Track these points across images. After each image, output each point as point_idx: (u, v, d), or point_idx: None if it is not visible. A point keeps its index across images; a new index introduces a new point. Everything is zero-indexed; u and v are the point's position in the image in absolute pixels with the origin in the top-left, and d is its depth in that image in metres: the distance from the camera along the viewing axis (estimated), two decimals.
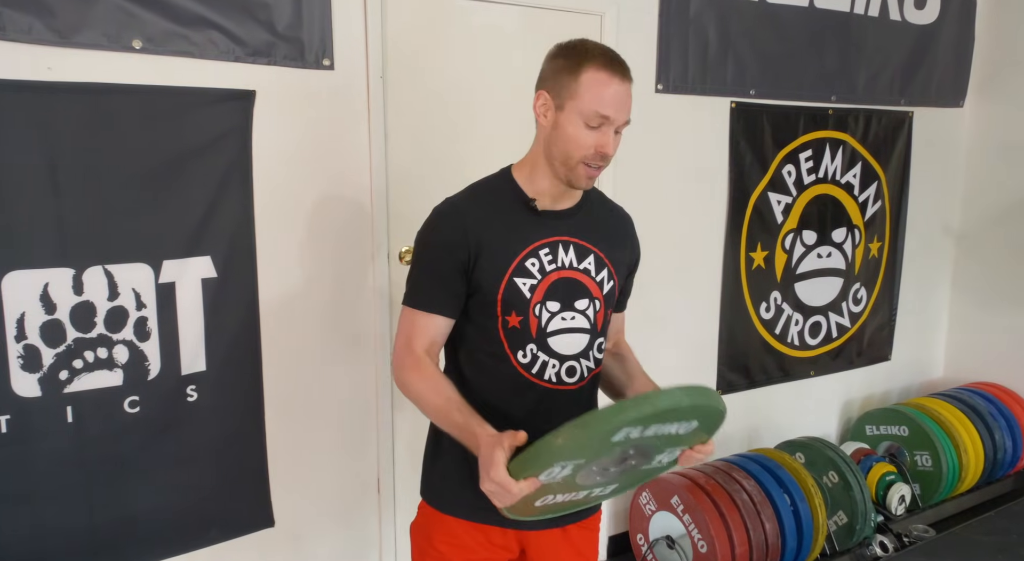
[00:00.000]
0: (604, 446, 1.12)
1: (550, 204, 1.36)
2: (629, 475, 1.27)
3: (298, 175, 2.02)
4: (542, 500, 1.22)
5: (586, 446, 1.11)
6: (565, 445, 1.07)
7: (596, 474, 1.20)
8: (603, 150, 1.26)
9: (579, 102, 1.25)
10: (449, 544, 1.40)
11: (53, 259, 1.70)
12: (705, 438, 1.24)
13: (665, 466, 1.29)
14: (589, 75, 1.24)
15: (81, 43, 1.67)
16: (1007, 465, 3.21)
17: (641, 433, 1.12)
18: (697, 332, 2.91)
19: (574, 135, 1.26)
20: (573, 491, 1.23)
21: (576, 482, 1.20)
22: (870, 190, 3.29)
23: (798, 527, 2.50)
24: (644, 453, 1.20)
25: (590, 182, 1.32)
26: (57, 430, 1.75)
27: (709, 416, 1.21)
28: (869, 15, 3.08)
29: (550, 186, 1.35)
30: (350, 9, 2.01)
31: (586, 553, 1.52)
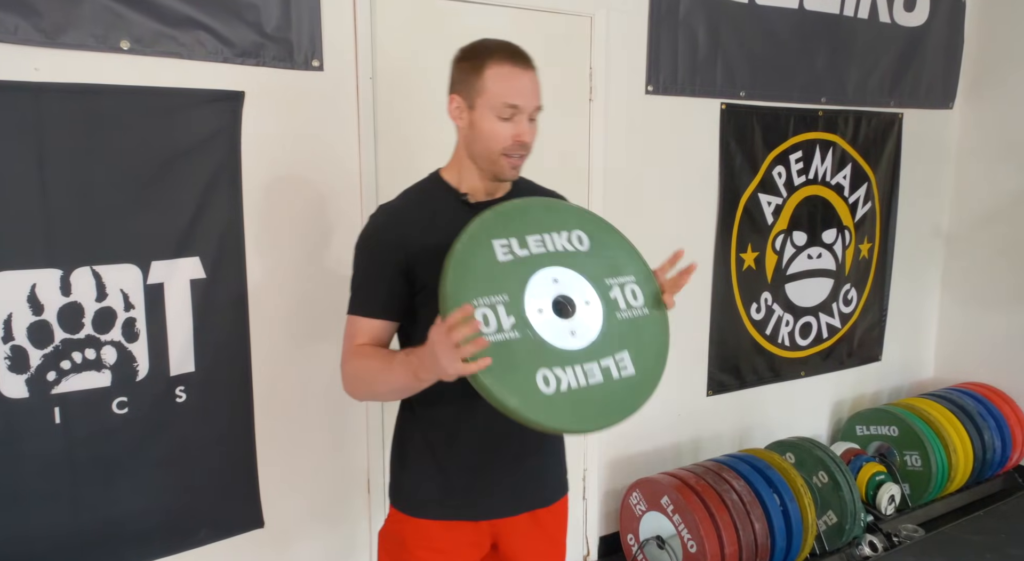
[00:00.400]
0: (497, 270, 1.19)
1: (482, 197, 1.40)
2: (617, 329, 1.26)
3: (287, 176, 2.02)
4: (543, 379, 1.17)
5: (476, 269, 1.17)
6: (454, 271, 1.15)
7: (553, 321, 1.22)
8: (520, 139, 1.31)
9: (488, 97, 1.30)
10: (424, 547, 1.42)
11: (40, 260, 1.70)
12: (630, 257, 1.33)
13: (643, 308, 1.31)
14: (492, 70, 1.29)
15: (68, 44, 1.67)
16: (996, 465, 3.22)
17: (526, 248, 1.22)
18: (688, 333, 2.92)
19: (490, 130, 1.31)
20: (567, 362, 1.20)
21: (546, 340, 1.20)
22: (860, 191, 3.30)
23: (787, 527, 2.51)
24: (578, 287, 1.25)
25: (515, 172, 1.36)
26: (45, 431, 1.75)
27: (586, 220, 1.30)
28: (859, 17, 3.09)
29: (479, 182, 1.39)
30: (339, 10, 2.01)
31: (556, 542, 1.55)
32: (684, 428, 2.98)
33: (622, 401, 1.25)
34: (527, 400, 1.15)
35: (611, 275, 1.30)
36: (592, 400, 1.21)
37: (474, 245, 1.18)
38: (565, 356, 1.21)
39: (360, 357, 1.33)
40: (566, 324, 1.23)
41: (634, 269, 1.33)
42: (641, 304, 1.31)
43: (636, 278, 1.33)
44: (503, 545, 1.48)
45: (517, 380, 1.16)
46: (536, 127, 1.36)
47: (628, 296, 1.30)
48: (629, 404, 1.26)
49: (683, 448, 2.99)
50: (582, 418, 1.21)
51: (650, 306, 1.32)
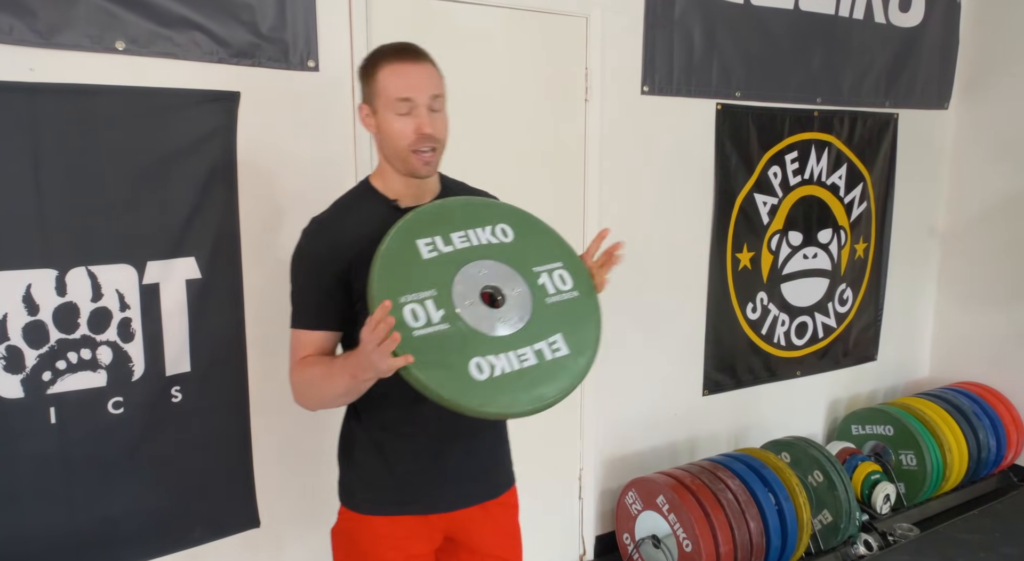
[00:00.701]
0: (423, 267, 1.23)
1: (412, 201, 1.41)
2: (547, 314, 1.30)
3: (283, 176, 2.02)
4: (476, 367, 1.21)
5: (401, 269, 1.22)
6: (380, 272, 1.19)
7: (482, 311, 1.26)
8: (421, 131, 1.32)
9: (383, 99, 1.33)
10: (375, 543, 1.44)
11: (36, 260, 1.70)
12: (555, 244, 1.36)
13: (572, 291, 1.34)
14: (383, 71, 1.33)
15: (63, 44, 1.67)
16: (991, 464, 3.23)
17: (450, 244, 1.26)
18: (683, 333, 2.93)
19: (391, 129, 1.33)
20: (499, 349, 1.24)
21: (477, 329, 1.24)
22: (856, 191, 3.31)
23: (782, 526, 2.51)
24: (506, 277, 1.29)
25: (428, 167, 1.36)
26: (40, 431, 1.75)
27: (509, 214, 1.33)
28: (854, 17, 3.10)
29: (404, 186, 1.41)
30: (335, 11, 2.02)
31: (509, 532, 1.57)
32: (680, 428, 2.99)
33: (557, 379, 1.27)
34: (461, 388, 1.19)
35: (538, 263, 1.33)
36: (527, 382, 1.25)
37: (398, 245, 1.22)
38: (497, 343, 1.24)
39: (305, 367, 1.35)
40: (496, 313, 1.27)
41: (561, 256, 1.36)
42: (570, 288, 1.34)
43: (564, 264, 1.36)
44: (456, 537, 1.51)
45: (449, 370, 1.20)
46: (443, 117, 1.36)
47: (556, 281, 1.33)
48: (565, 383, 1.28)
49: (679, 448, 3.00)
50: (518, 401, 1.24)
51: (580, 289, 1.35)
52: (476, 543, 1.51)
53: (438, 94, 1.34)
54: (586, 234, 2.59)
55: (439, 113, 1.35)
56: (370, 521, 1.45)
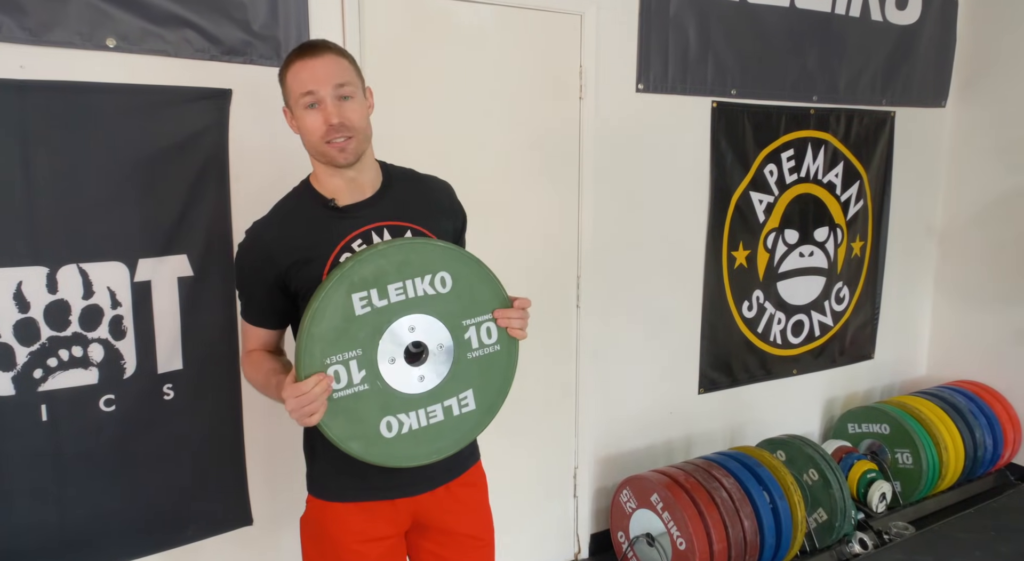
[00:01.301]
0: (355, 324, 1.24)
1: (349, 198, 1.42)
2: (464, 369, 1.34)
3: (275, 174, 2.00)
4: (386, 425, 1.28)
5: (332, 328, 1.22)
6: (311, 331, 1.21)
7: (404, 370, 1.28)
8: (328, 121, 1.33)
9: (292, 97, 1.36)
10: (341, 530, 1.46)
11: (26, 257, 1.70)
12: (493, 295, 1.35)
13: (495, 345, 1.36)
14: (289, 72, 1.36)
15: (54, 41, 1.67)
16: (987, 463, 3.23)
17: (386, 297, 1.25)
18: (679, 331, 2.92)
19: (303, 124, 1.36)
20: (411, 407, 1.30)
21: (394, 388, 1.28)
22: (852, 189, 3.31)
23: (777, 524, 2.51)
24: (434, 332, 1.30)
25: (344, 154, 1.36)
26: (32, 428, 1.75)
27: (452, 261, 1.32)
28: (850, 15, 3.10)
29: (339, 180, 1.41)
30: (327, 8, 2.01)
31: (476, 510, 1.58)
32: (675, 426, 2.98)
33: (457, 433, 1.36)
34: (368, 446, 1.28)
35: (469, 315, 1.34)
36: (430, 436, 1.33)
37: (332, 300, 1.22)
38: (410, 401, 1.30)
39: (248, 365, 1.47)
40: (416, 371, 1.30)
41: (495, 306, 1.36)
42: (494, 341, 1.36)
43: (491, 316, 1.37)
44: (423, 521, 1.52)
45: (360, 429, 1.27)
46: (355, 106, 1.36)
47: (483, 335, 1.35)
48: (463, 436, 1.37)
49: (674, 446, 3.00)
50: (416, 454, 1.33)
51: (502, 342, 1.37)
52: (445, 524, 1.52)
53: (344, 82, 1.34)
54: (580, 233, 2.59)
55: (350, 101, 1.35)
56: (335, 507, 1.46)
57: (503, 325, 1.36)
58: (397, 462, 1.32)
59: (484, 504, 1.61)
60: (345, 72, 1.36)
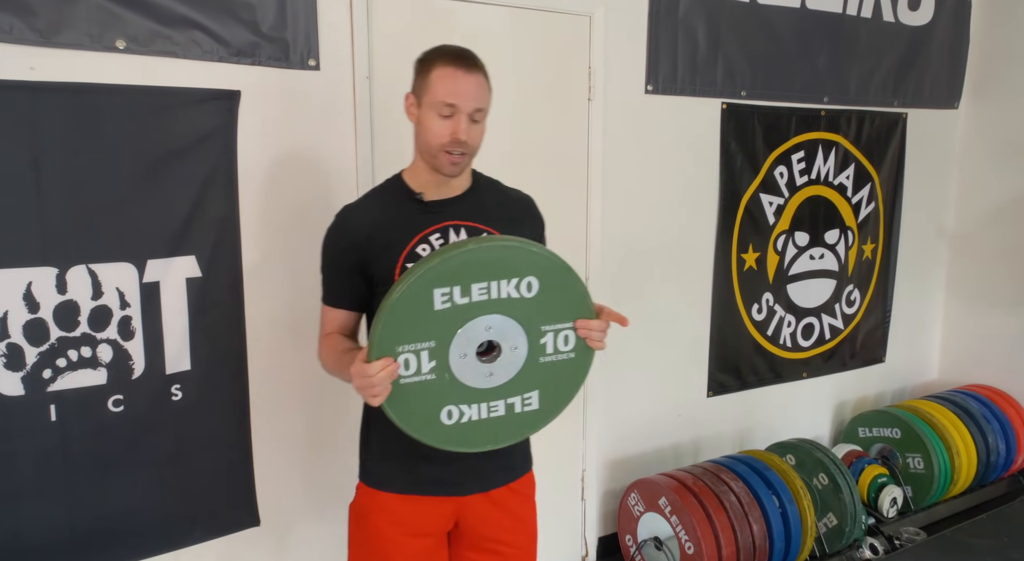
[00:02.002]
0: (430, 317, 1.24)
1: (436, 194, 1.47)
2: (534, 372, 1.33)
3: (284, 175, 2.02)
4: (447, 414, 1.30)
5: (409, 317, 1.23)
6: (388, 319, 1.21)
7: (474, 365, 1.29)
8: (456, 136, 1.38)
9: (430, 96, 1.39)
10: (387, 521, 1.48)
11: (36, 258, 1.71)
12: (578, 304, 1.33)
13: (570, 352, 1.36)
14: (437, 72, 1.38)
15: (64, 43, 1.68)
16: (1000, 468, 3.19)
17: (468, 295, 1.24)
18: (688, 333, 2.91)
19: (430, 126, 1.40)
20: (475, 400, 1.31)
21: (460, 380, 1.28)
22: (863, 191, 3.28)
23: (786, 529, 2.49)
24: (511, 334, 1.29)
25: (454, 168, 1.42)
26: (41, 429, 1.76)
27: (542, 267, 1.30)
28: (862, 16, 3.07)
29: (430, 178, 1.46)
30: (336, 9, 2.02)
31: (522, 519, 1.57)
32: (684, 429, 2.97)
33: (514, 430, 1.37)
34: (426, 430, 1.30)
35: (549, 322, 1.32)
36: (487, 428, 1.34)
37: (413, 293, 1.22)
38: (475, 394, 1.31)
39: (324, 347, 1.50)
40: (486, 367, 1.30)
41: (577, 315, 1.34)
42: (570, 349, 1.35)
43: (572, 325, 1.36)
44: (466, 523, 1.52)
45: (421, 414, 1.29)
46: (480, 129, 1.42)
47: (559, 342, 1.34)
48: (520, 431, 1.39)
49: (683, 449, 2.98)
50: (472, 441, 1.34)
51: (578, 350, 1.36)
52: (487, 530, 1.52)
53: (481, 108, 1.40)
54: (589, 234, 2.58)
55: (478, 125, 1.41)
56: (381, 496, 1.49)
57: (583, 335, 1.34)
58: (451, 446, 1.32)
59: (531, 515, 1.60)
60: (486, 98, 1.41)
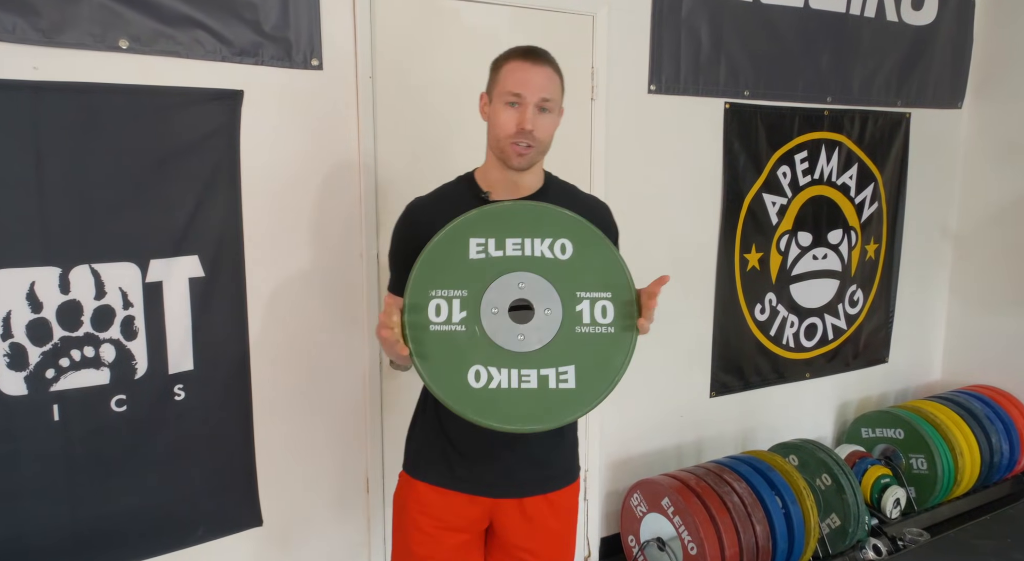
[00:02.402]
0: (465, 266, 1.26)
1: (504, 194, 1.49)
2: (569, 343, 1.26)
3: (287, 175, 2.02)
4: (475, 374, 1.24)
5: (444, 263, 1.25)
6: (424, 260, 1.24)
7: (505, 323, 1.25)
8: (521, 125, 1.40)
9: (499, 88, 1.45)
10: (421, 511, 1.51)
11: (39, 258, 1.71)
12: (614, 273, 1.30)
13: (609, 326, 1.28)
14: (507, 66, 1.45)
15: (66, 43, 1.68)
16: (1003, 469, 3.19)
17: (502, 248, 1.27)
18: (691, 333, 2.90)
19: (497, 118, 1.44)
20: (505, 363, 1.24)
21: (491, 338, 1.25)
22: (867, 191, 3.27)
23: (789, 529, 2.49)
24: (544, 296, 1.26)
25: (521, 160, 1.44)
26: (44, 429, 1.76)
27: (575, 230, 1.29)
28: (865, 15, 3.07)
29: (500, 177, 1.50)
30: (338, 9, 2.01)
31: (558, 534, 1.54)
32: (687, 429, 2.96)
33: (551, 411, 1.25)
34: (453, 390, 1.24)
35: (585, 289, 1.29)
36: (518, 401, 1.24)
37: (450, 239, 1.26)
38: (504, 356, 1.25)
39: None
40: (518, 327, 1.27)
41: (614, 287, 1.30)
42: (608, 322, 1.28)
43: (613, 296, 1.30)
44: (500, 527, 1.52)
45: (449, 370, 1.24)
46: (550, 120, 1.45)
47: (596, 312, 1.28)
48: (556, 416, 1.26)
49: (685, 449, 2.98)
50: (501, 414, 1.24)
51: (617, 326, 1.29)
52: (520, 539, 1.51)
53: (549, 98, 1.42)
54: None
55: (547, 114, 1.43)
56: (418, 487, 1.51)
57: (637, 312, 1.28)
58: (481, 417, 1.23)
59: (568, 528, 1.57)
60: (554, 89, 1.44)
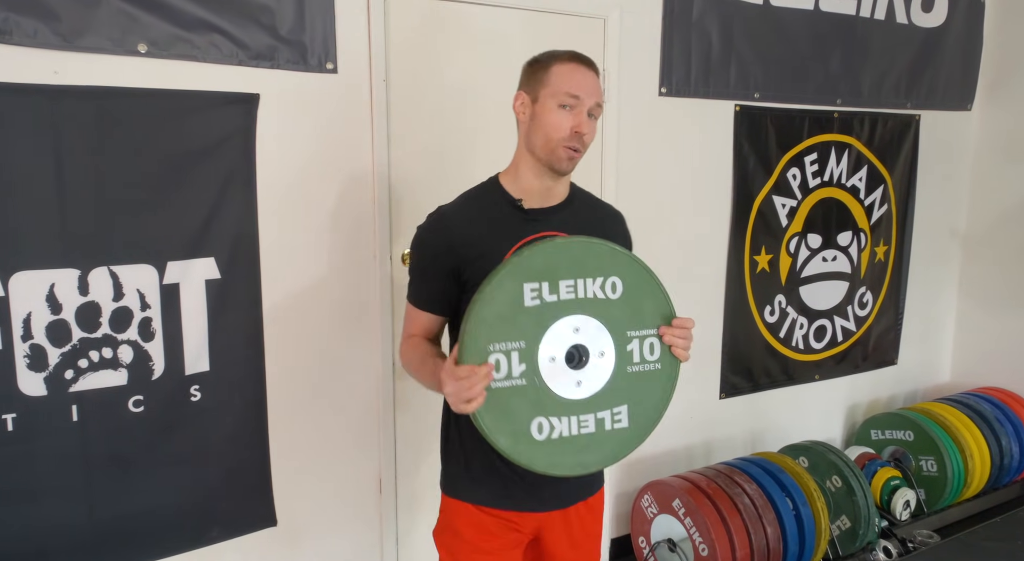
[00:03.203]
0: (521, 314, 1.20)
1: (536, 202, 1.44)
2: (623, 382, 1.27)
3: (302, 178, 2.03)
4: (537, 427, 1.23)
5: (501, 313, 1.19)
6: (480, 312, 1.17)
7: (562, 370, 1.24)
8: (578, 129, 1.36)
9: (551, 89, 1.38)
10: (475, 530, 1.47)
11: (59, 260, 1.73)
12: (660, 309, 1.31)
13: (656, 362, 1.31)
14: (557, 67, 1.39)
15: (86, 47, 1.69)
16: (1013, 471, 3.18)
17: (556, 293, 1.21)
18: (700, 335, 2.87)
19: (550, 119, 1.37)
20: (564, 412, 1.25)
21: (550, 388, 1.23)
22: (876, 193, 3.28)
23: (800, 531, 2.49)
24: (598, 338, 1.25)
25: (571, 163, 1.40)
26: (62, 429, 1.78)
27: (625, 266, 1.27)
28: (875, 18, 3.07)
29: (535, 183, 1.44)
30: (353, 13, 2.03)
31: (593, 536, 1.57)
32: (696, 431, 2.97)
33: (604, 450, 1.30)
34: (517, 444, 1.23)
35: (634, 327, 1.29)
36: (577, 447, 1.27)
37: (504, 287, 1.19)
38: (565, 405, 1.25)
39: (408, 348, 1.46)
40: (575, 374, 1.25)
41: (661, 321, 1.32)
42: (656, 358, 1.31)
43: (656, 332, 1.32)
44: (544, 538, 1.51)
45: (512, 424, 1.22)
46: (595, 127, 1.41)
47: (645, 350, 1.30)
48: (610, 453, 1.30)
49: (695, 451, 2.98)
50: (560, 463, 1.27)
51: (664, 361, 1.32)
52: (561, 548, 1.51)
53: (599, 104, 1.40)
54: None
55: (593, 121, 1.40)
56: (470, 509, 1.47)
57: (668, 342, 1.31)
58: (540, 467, 1.26)
59: (599, 530, 1.60)
60: (601, 96, 1.41)
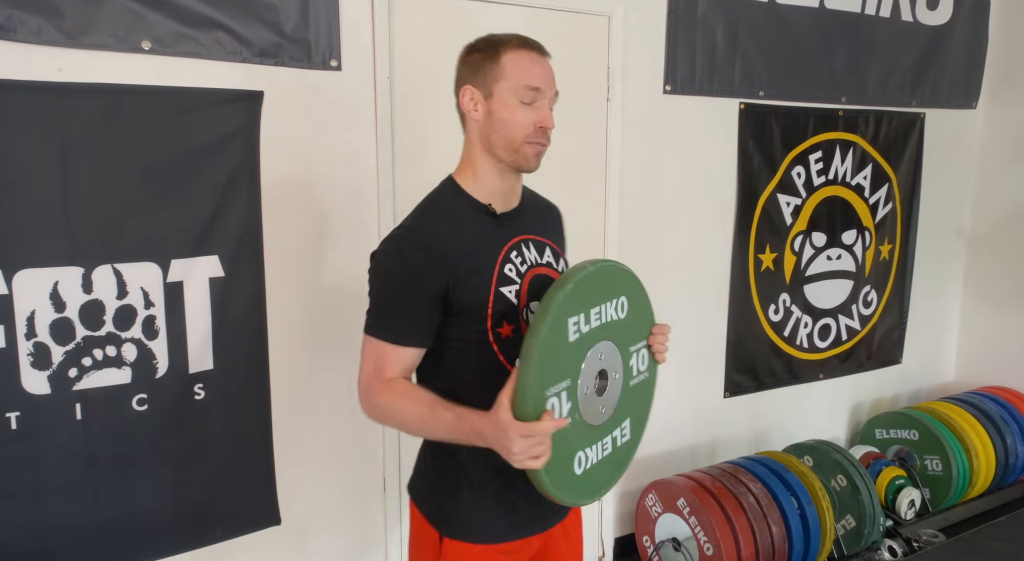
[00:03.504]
0: (567, 351, 1.13)
1: (501, 205, 1.33)
2: (626, 398, 1.28)
3: (305, 176, 2.03)
4: (578, 461, 1.20)
5: (553, 355, 1.11)
6: (540, 357, 1.07)
7: (593, 400, 1.21)
8: (543, 124, 1.25)
9: (508, 82, 1.24)
10: None
11: (63, 258, 1.72)
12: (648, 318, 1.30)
13: (646, 371, 1.32)
14: (509, 56, 1.25)
15: (90, 44, 1.69)
16: (1019, 470, 3.17)
17: (589, 322, 1.16)
18: (705, 334, 2.90)
19: (511, 116, 1.25)
20: (594, 440, 1.23)
21: (586, 420, 1.20)
22: (881, 192, 3.27)
23: (805, 530, 2.48)
24: (613, 360, 1.24)
25: (538, 160, 1.29)
26: (66, 427, 1.77)
27: (629, 284, 1.26)
28: (880, 15, 3.06)
29: (499, 184, 1.31)
30: (357, 10, 2.02)
31: (580, 541, 1.55)
32: (700, 430, 2.96)
33: (621, 465, 1.31)
34: (560, 482, 1.17)
35: (634, 341, 1.28)
36: (602, 471, 1.26)
37: (560, 325, 1.11)
38: (595, 433, 1.23)
39: (398, 396, 1.23)
40: (600, 400, 1.23)
41: (647, 331, 1.32)
42: (646, 368, 1.31)
43: (646, 341, 1.33)
44: (549, 554, 1.44)
45: (559, 465, 1.16)
46: (553, 117, 1.30)
47: (639, 362, 1.30)
48: (623, 466, 1.32)
49: (699, 450, 2.98)
50: (594, 492, 1.26)
51: (651, 368, 1.32)
52: (561, 558, 1.46)
53: (558, 93, 1.29)
54: (607, 234, 2.58)
55: (552, 113, 1.29)
56: (485, 551, 1.32)
57: (655, 349, 1.28)
58: (580, 499, 1.23)
59: (581, 530, 1.57)
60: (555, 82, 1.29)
